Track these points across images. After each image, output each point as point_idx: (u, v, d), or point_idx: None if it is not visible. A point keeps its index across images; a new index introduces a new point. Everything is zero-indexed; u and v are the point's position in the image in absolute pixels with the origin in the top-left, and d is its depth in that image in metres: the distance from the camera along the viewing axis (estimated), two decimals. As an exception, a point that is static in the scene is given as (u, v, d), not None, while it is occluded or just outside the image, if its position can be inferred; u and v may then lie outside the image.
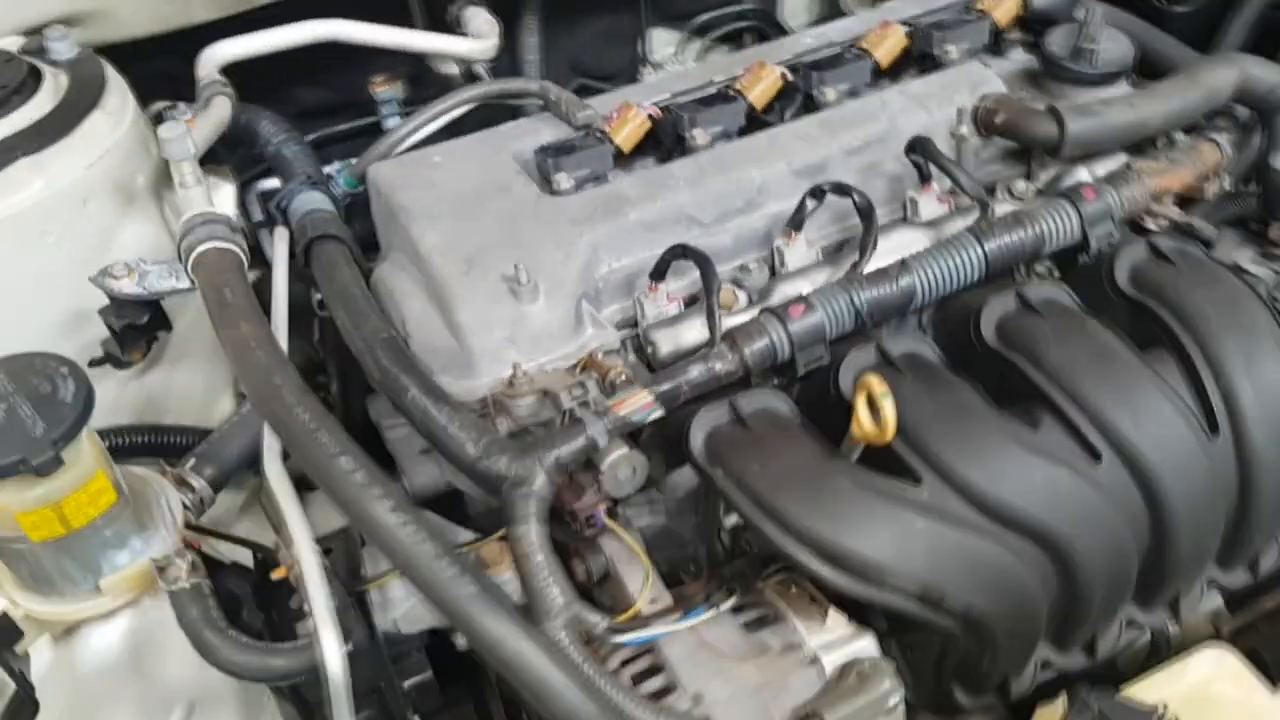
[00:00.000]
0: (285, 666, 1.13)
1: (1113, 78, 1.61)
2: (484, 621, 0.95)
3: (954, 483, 1.19)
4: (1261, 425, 1.29)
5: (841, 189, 1.38)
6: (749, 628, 1.23)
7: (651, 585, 1.25)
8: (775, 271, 1.45)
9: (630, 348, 1.40)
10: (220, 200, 1.48)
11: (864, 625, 1.21)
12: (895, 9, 1.79)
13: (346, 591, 1.22)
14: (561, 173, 1.48)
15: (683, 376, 1.25)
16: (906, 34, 1.67)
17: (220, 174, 1.63)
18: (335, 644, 1.04)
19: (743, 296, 1.42)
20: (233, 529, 1.52)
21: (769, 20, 2.33)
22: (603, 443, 1.20)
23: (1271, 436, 1.29)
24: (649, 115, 1.55)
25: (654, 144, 1.59)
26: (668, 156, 1.57)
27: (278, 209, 1.56)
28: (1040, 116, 1.50)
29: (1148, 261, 1.39)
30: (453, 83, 1.94)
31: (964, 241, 1.36)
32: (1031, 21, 1.77)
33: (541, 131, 1.60)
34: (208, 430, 1.48)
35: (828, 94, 1.59)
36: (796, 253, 1.44)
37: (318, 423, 1.05)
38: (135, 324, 1.36)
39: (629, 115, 1.54)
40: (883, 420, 1.13)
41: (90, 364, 1.42)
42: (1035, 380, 1.27)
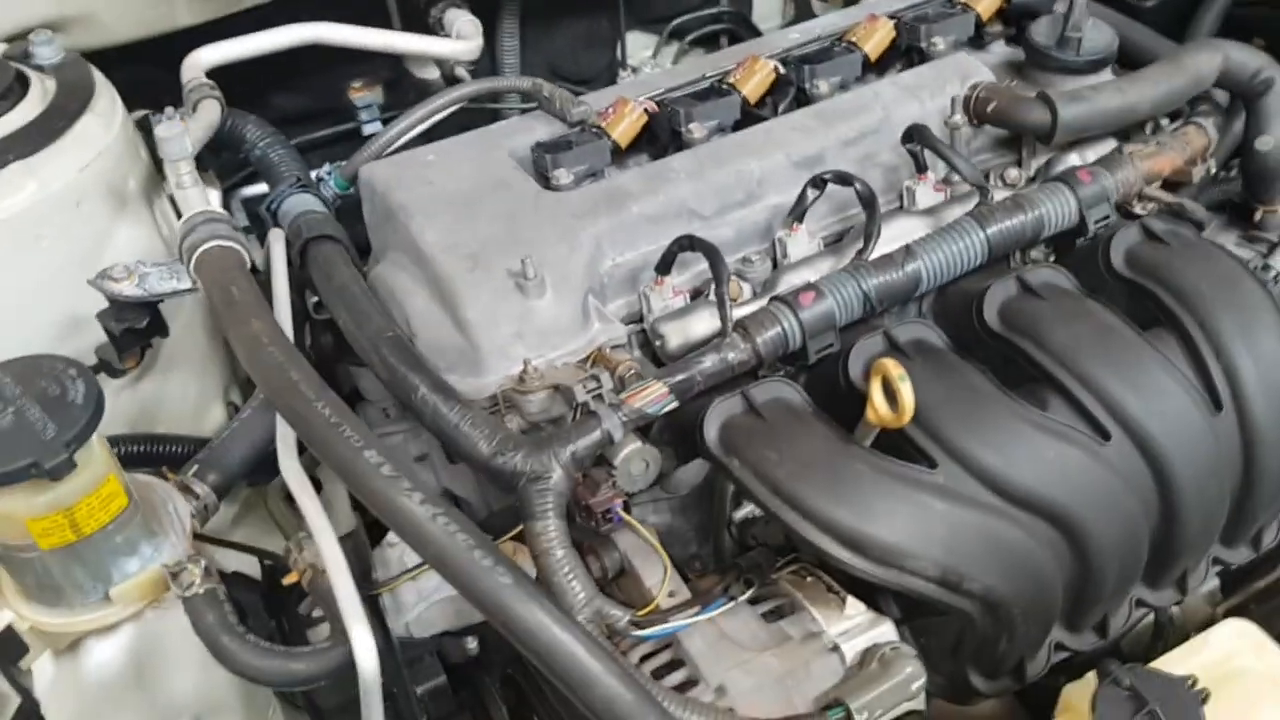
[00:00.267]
0: (308, 670, 1.10)
1: (1098, 65, 1.62)
2: (521, 611, 0.94)
3: (969, 465, 1.19)
4: (1263, 400, 1.30)
5: (843, 178, 1.38)
6: (767, 618, 1.22)
7: (670, 579, 1.24)
8: (777, 263, 1.45)
9: (636, 342, 1.39)
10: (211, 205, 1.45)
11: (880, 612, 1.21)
12: (875, 4, 1.80)
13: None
14: (560, 169, 1.47)
15: (696, 367, 1.24)
16: (893, 28, 1.68)
17: (205, 179, 1.60)
18: (367, 639, 1.01)
19: (747, 288, 1.42)
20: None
21: (743, 22, 2.34)
22: (618, 436, 1.19)
23: (1273, 411, 1.30)
24: (645, 110, 1.55)
25: (649, 140, 1.59)
26: (663, 152, 1.56)
27: (268, 212, 1.53)
28: (1032, 103, 1.51)
29: (1142, 243, 1.40)
30: (432, 87, 1.92)
31: (966, 226, 1.37)
32: (1011, 14, 1.80)
33: (535, 129, 1.59)
34: (202, 439, 1.45)
35: (820, 87, 1.60)
36: (799, 244, 1.44)
37: (340, 417, 1.03)
38: (135, 327, 1.33)
39: (625, 110, 1.53)
40: (900, 404, 1.13)
41: None
42: (1041, 362, 1.28)
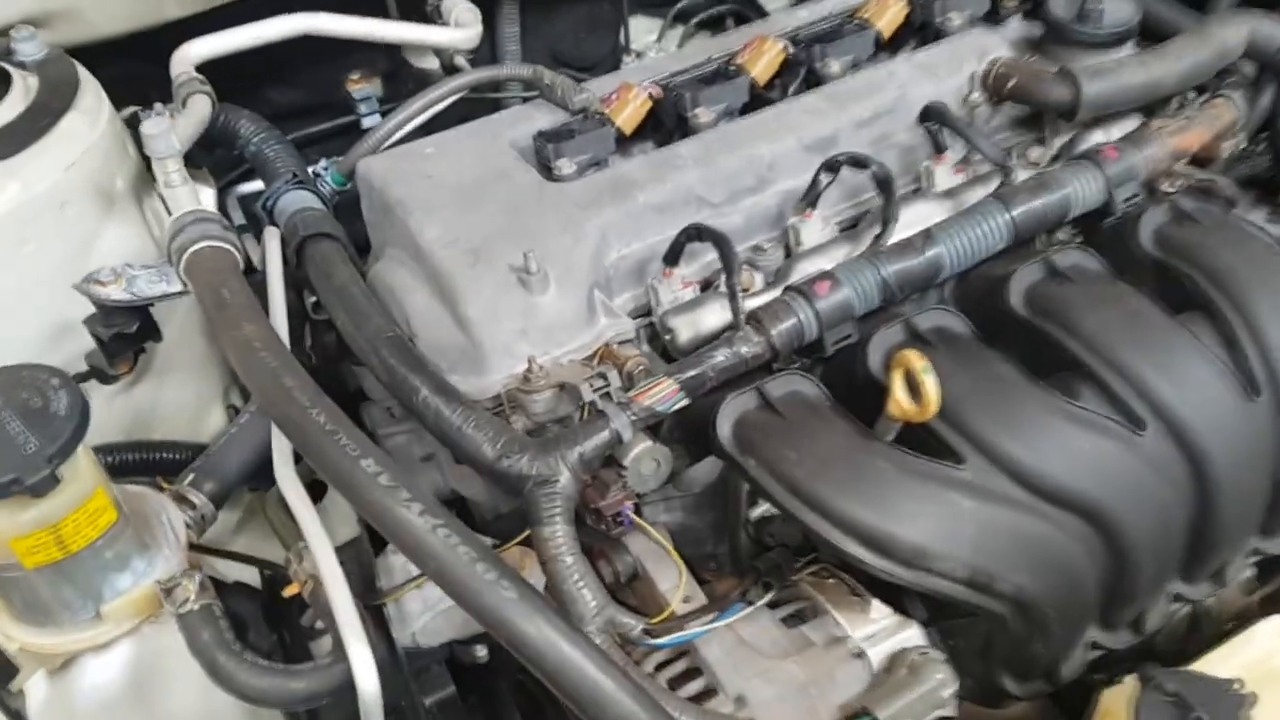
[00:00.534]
0: (308, 689, 1.06)
1: (1121, 39, 1.56)
2: (528, 628, 0.89)
3: (998, 460, 1.15)
4: (1303, 383, 1.24)
5: (858, 161, 1.34)
6: (788, 623, 1.19)
7: (685, 584, 1.20)
8: (791, 251, 1.41)
9: (644, 337, 1.35)
10: (201, 204, 1.40)
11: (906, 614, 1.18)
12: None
13: (363, 606, 1.15)
14: (563, 158, 1.43)
15: (708, 362, 1.20)
16: (906, 3, 1.62)
17: (199, 177, 1.56)
18: (366, 656, 0.97)
19: (759, 278, 1.37)
20: (229, 548, 1.45)
21: (750, 3, 2.27)
22: (627, 435, 1.15)
23: (1314, 395, 1.25)
24: (649, 95, 1.50)
25: (654, 126, 1.54)
26: (669, 138, 1.51)
27: (264, 209, 1.49)
28: (1054, 79, 1.46)
29: (1171, 222, 1.36)
30: (431, 77, 1.87)
31: (989, 208, 1.32)
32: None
33: (536, 118, 1.54)
34: (200, 445, 1.41)
35: (832, 67, 1.54)
36: (812, 230, 1.40)
37: (336, 424, 0.98)
38: (124, 333, 1.28)
39: (629, 96, 1.48)
40: (924, 397, 1.09)
41: (75, 379, 1.33)
42: (1071, 349, 1.24)
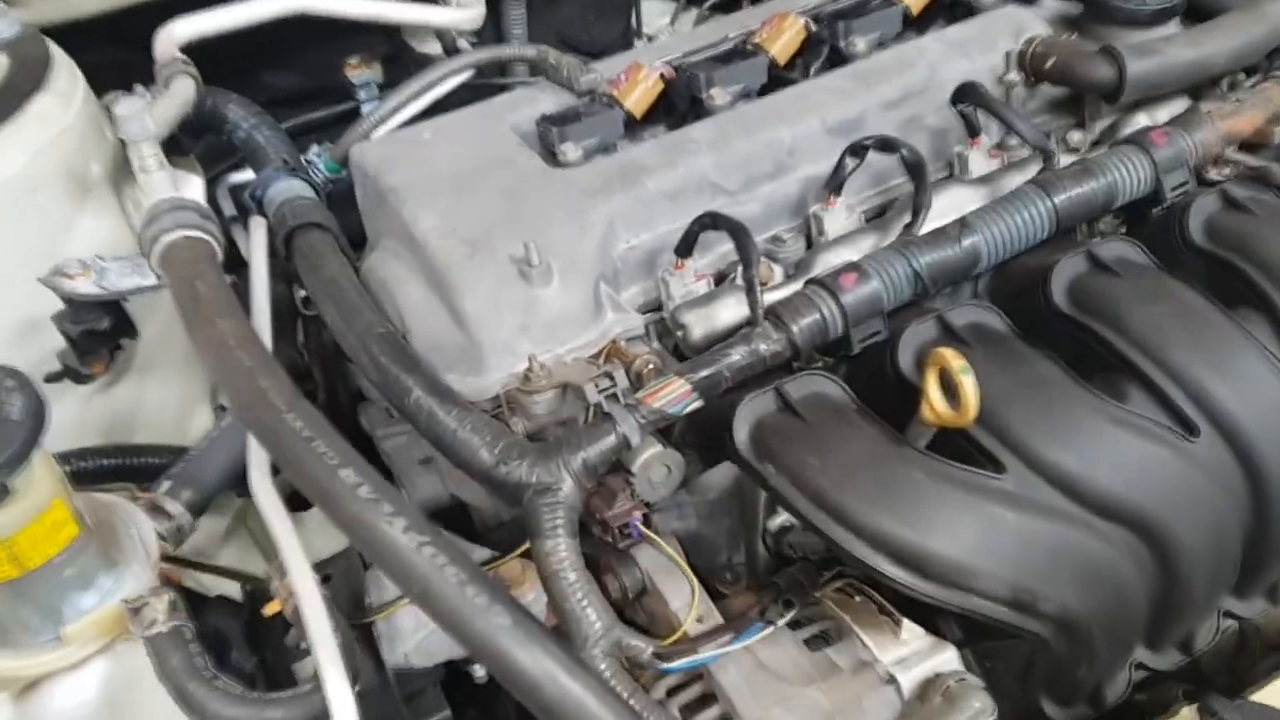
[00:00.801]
0: (285, 719, 0.97)
1: (1166, 15, 1.48)
2: (523, 658, 0.81)
3: (1042, 469, 1.07)
4: (1365, 386, 1.17)
5: (887, 144, 1.27)
6: (811, 645, 1.13)
7: (698, 602, 1.13)
8: (812, 241, 1.34)
9: (654, 334, 1.28)
10: (187, 194, 1.33)
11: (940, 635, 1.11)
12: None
13: (350, 624, 1.07)
14: (568, 143, 1.36)
15: (723, 361, 1.12)
16: (937, -23, 1.54)
17: (186, 165, 1.50)
18: (344, 690, 0.88)
19: (778, 270, 1.31)
20: (216, 557, 1.40)
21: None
22: (636, 440, 1.08)
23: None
24: (661, 76, 1.42)
25: (666, 109, 1.47)
26: (681, 122, 1.44)
27: (252, 199, 1.43)
28: (1096, 58, 1.39)
29: (1223, 212, 1.29)
30: (433, 62, 1.79)
31: (1030, 195, 1.24)
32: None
33: (540, 101, 1.47)
34: (184, 448, 1.34)
35: (857, 45, 1.47)
36: (836, 219, 1.32)
37: (313, 431, 0.91)
38: (95, 330, 1.21)
39: (639, 76, 1.41)
40: (963, 400, 1.02)
41: (47, 379, 1.29)
42: (1118, 348, 1.17)
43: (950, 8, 1.57)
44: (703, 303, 1.24)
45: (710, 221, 1.22)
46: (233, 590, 1.32)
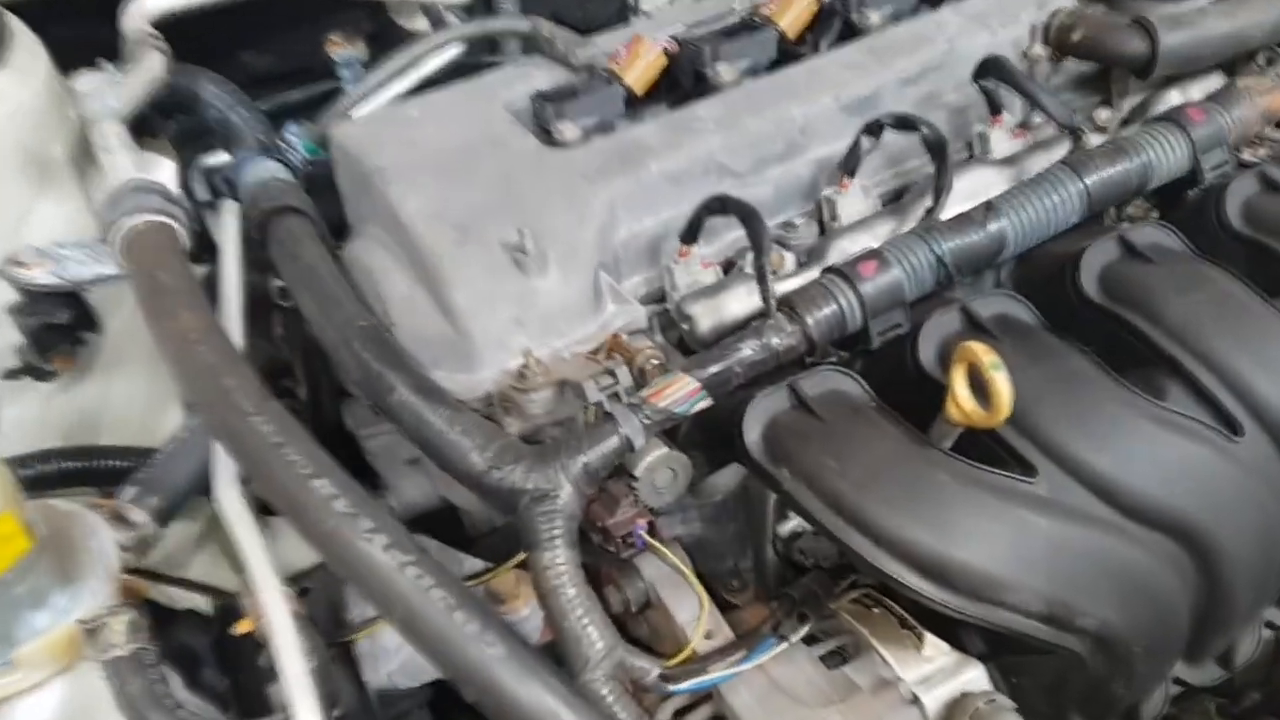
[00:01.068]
0: (253, 751, 0.90)
1: (1196, -14, 1.41)
2: (519, 693, 0.74)
3: (1077, 471, 1.02)
4: None
5: (905, 122, 1.21)
6: (828, 662, 1.10)
7: (706, 617, 1.07)
8: (825, 227, 1.27)
9: (658, 326, 1.22)
10: (156, 177, 1.26)
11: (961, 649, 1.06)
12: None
13: (329, 642, 1.01)
14: (565, 121, 1.30)
15: (733, 356, 1.06)
16: (954, -54, 1.47)
17: (158, 147, 1.44)
18: (315, 720, 0.81)
19: (790, 258, 1.24)
20: (188, 566, 1.32)
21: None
22: (639, 442, 1.02)
23: None
24: (664, 50, 1.35)
25: (669, 85, 1.40)
26: (686, 99, 1.38)
27: (224, 182, 1.36)
28: (1127, 30, 1.33)
29: (1262, 194, 1.24)
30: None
31: (1059, 177, 1.18)
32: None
33: (534, 76, 1.41)
34: (152, 450, 1.26)
35: (871, 17, 1.41)
36: (850, 203, 1.26)
37: (284, 435, 0.84)
38: (53, 323, 1.15)
39: (641, 50, 1.34)
40: (994, 399, 0.95)
41: (6, 376, 1.23)
42: (1155, 340, 1.12)
43: (969, -23, 1.51)
44: (710, 293, 1.19)
45: (718, 205, 1.16)
46: (204, 602, 1.25)
